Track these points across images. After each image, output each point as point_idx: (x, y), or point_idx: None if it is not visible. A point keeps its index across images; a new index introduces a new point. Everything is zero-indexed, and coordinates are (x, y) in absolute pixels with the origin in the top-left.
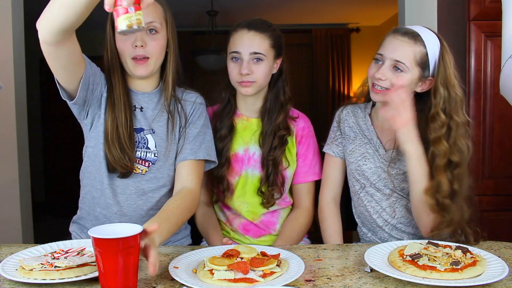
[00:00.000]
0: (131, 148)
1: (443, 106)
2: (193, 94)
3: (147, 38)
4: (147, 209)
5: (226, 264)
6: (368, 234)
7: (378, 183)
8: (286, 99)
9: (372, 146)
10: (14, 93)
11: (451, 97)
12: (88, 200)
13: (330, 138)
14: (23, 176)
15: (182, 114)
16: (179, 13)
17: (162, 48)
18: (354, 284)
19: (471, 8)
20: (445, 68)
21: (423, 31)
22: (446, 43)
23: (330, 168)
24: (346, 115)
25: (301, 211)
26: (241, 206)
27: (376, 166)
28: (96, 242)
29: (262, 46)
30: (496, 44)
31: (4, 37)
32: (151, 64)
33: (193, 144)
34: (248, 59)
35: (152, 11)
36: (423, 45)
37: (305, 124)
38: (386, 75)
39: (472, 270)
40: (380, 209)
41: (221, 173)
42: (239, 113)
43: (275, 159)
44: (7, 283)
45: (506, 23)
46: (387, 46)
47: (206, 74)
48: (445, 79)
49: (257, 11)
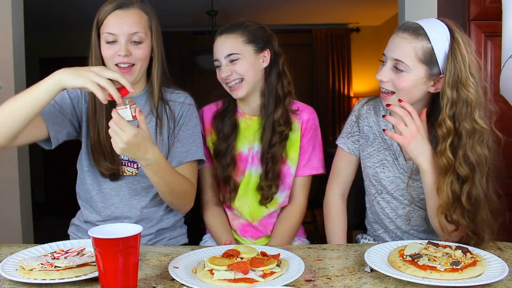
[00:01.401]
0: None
1: (451, 110)
2: (182, 95)
3: (132, 47)
4: (141, 207)
5: (226, 264)
6: (379, 231)
7: (395, 192)
8: (284, 93)
9: (392, 153)
10: (14, 93)
11: (461, 99)
12: (85, 206)
13: (346, 131)
14: (23, 176)
15: (171, 115)
16: (179, 13)
17: (146, 55)
18: (354, 284)
19: (471, 8)
20: (454, 64)
21: (429, 24)
22: (460, 35)
23: (342, 164)
24: (367, 112)
25: (294, 208)
26: (242, 205)
27: (394, 175)
28: (96, 242)
29: (234, 45)
30: (496, 44)
31: (4, 37)
32: (135, 71)
33: (188, 146)
34: (226, 63)
35: (136, 21)
36: (426, 39)
37: (309, 116)
38: (388, 76)
39: (472, 270)
40: (395, 215)
41: (227, 173)
42: (242, 111)
43: (274, 155)
44: (7, 283)
45: (506, 23)
46: (389, 45)
47: (206, 74)
48: (454, 78)
49: (257, 11)
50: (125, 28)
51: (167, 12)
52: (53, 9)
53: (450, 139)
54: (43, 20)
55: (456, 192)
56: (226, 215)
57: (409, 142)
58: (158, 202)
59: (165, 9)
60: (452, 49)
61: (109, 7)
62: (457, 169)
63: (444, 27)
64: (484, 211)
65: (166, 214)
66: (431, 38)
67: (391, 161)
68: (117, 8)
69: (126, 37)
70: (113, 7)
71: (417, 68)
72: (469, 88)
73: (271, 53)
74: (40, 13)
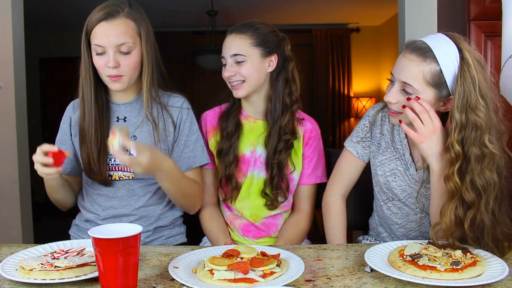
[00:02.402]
0: (100, 162)
1: (460, 135)
2: (179, 99)
3: (120, 57)
4: (139, 206)
5: (226, 264)
6: (383, 235)
7: (407, 200)
8: (292, 101)
9: (403, 163)
10: (14, 93)
11: (470, 123)
12: (84, 207)
13: (356, 135)
14: (23, 176)
15: (169, 120)
16: (179, 13)
17: (136, 64)
18: (354, 284)
19: (471, 8)
20: (463, 87)
21: (438, 43)
22: (470, 53)
23: (348, 166)
24: (381, 120)
25: (302, 216)
26: (244, 207)
27: (406, 184)
28: (96, 242)
29: (241, 46)
30: (496, 44)
31: (4, 37)
32: (125, 81)
33: (195, 151)
34: (231, 62)
35: (123, 32)
36: (434, 62)
37: (312, 126)
38: (397, 98)
39: (472, 270)
40: (405, 221)
41: (229, 171)
42: (246, 114)
43: (280, 162)
44: (7, 283)
45: (506, 23)
46: (397, 65)
47: (206, 74)
48: (463, 102)
49: (257, 11)
50: (112, 40)
51: (167, 12)
52: (53, 9)
53: (458, 164)
54: (43, 20)
55: (460, 218)
56: (222, 217)
57: (422, 140)
58: (157, 200)
59: (165, 9)
60: (462, 71)
61: (95, 18)
62: (463, 194)
63: (452, 46)
64: (489, 237)
65: (165, 212)
66: (439, 60)
67: (403, 171)
68: (102, 19)
69: (114, 48)
70: (99, 18)
71: (425, 91)
72: (479, 112)
73: (279, 58)
74: (40, 13)
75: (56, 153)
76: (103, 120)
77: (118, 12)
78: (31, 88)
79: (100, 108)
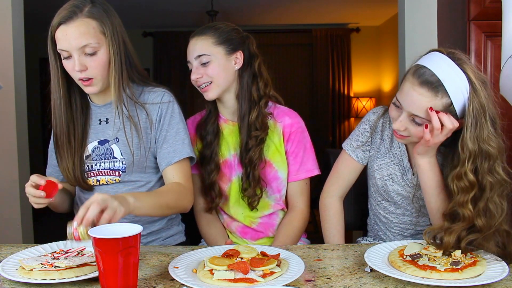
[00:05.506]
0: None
1: (473, 165)
2: (159, 93)
3: (86, 60)
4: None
5: (226, 264)
6: (380, 233)
7: (403, 202)
8: (259, 95)
9: (401, 168)
10: (14, 93)
11: (483, 153)
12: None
13: (356, 139)
14: (23, 176)
15: (147, 117)
16: (179, 13)
17: (104, 64)
18: (354, 284)
19: (471, 8)
20: (475, 120)
21: (449, 76)
22: (476, 78)
23: (346, 169)
24: (382, 126)
25: (295, 215)
26: (237, 212)
27: (402, 189)
28: (96, 242)
29: (204, 47)
30: (496, 44)
31: (4, 37)
32: (97, 83)
33: (174, 145)
34: (197, 64)
35: (83, 33)
36: (446, 96)
37: (292, 120)
38: (405, 126)
39: (472, 270)
40: (400, 221)
41: (211, 179)
42: (225, 118)
43: (251, 159)
44: (7, 283)
45: (506, 23)
46: (405, 97)
47: None
48: (475, 134)
49: (257, 11)
50: (73, 43)
51: (167, 12)
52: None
53: (473, 192)
54: (43, 20)
55: (460, 239)
56: (219, 220)
57: (427, 144)
58: None
59: (165, 9)
60: (472, 103)
61: (55, 22)
62: (475, 221)
63: (462, 76)
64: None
65: (159, 218)
66: (451, 94)
67: (400, 176)
68: (62, 23)
69: (78, 51)
70: (58, 21)
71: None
72: (491, 142)
73: (245, 54)
74: (40, 13)
75: (47, 185)
76: (77, 125)
77: (76, 13)
78: (31, 88)
79: (74, 113)
